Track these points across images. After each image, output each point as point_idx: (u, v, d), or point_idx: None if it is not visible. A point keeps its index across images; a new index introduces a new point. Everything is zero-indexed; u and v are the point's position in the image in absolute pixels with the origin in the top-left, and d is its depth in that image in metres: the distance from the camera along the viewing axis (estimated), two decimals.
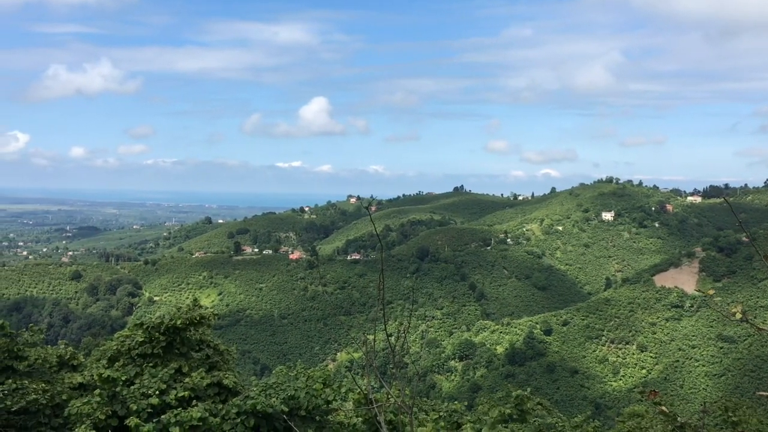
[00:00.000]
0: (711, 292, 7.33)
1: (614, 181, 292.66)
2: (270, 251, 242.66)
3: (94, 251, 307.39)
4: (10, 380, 13.90)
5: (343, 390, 14.72)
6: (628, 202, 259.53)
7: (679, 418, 6.96)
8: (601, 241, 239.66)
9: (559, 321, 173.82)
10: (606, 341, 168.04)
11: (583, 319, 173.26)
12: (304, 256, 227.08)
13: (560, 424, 15.94)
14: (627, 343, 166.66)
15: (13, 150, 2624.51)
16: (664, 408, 7.17)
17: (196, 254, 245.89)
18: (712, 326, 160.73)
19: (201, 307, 15.90)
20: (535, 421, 15.02)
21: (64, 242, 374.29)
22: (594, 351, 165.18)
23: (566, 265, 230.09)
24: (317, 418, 14.00)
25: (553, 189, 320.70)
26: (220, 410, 13.07)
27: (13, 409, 13.34)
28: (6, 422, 13.44)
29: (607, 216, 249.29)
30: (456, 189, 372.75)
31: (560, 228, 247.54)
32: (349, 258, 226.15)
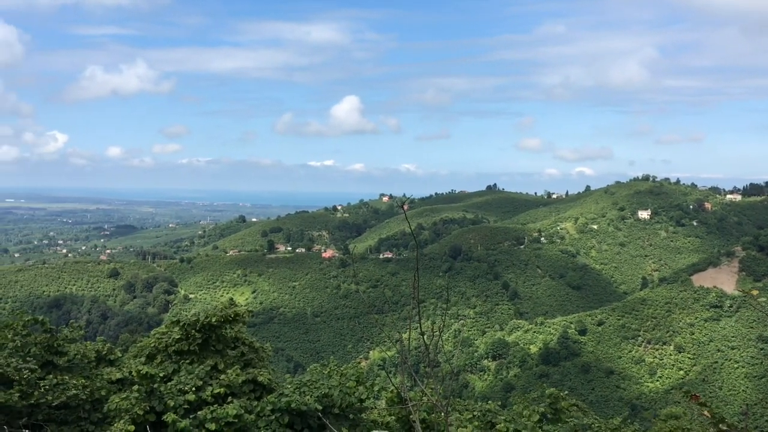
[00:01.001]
0: (755, 292, 7.15)
1: (651, 179, 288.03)
2: (303, 250, 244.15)
3: (131, 249, 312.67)
4: (50, 375, 14.17)
5: (376, 388, 14.71)
6: (665, 200, 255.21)
7: (726, 421, 6.78)
8: (638, 240, 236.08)
9: (594, 321, 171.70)
10: (642, 341, 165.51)
11: (618, 319, 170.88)
12: (337, 255, 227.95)
13: (596, 425, 15.72)
14: (664, 344, 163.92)
15: (52, 150, 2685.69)
16: (707, 413, 7.00)
17: (231, 252, 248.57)
18: (752, 327, 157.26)
19: (236, 305, 16.03)
20: (570, 421, 14.83)
21: (102, 240, 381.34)
22: (630, 351, 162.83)
23: (601, 264, 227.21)
24: (351, 416, 14.02)
25: (588, 187, 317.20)
26: (255, 407, 13.17)
27: (54, 404, 13.60)
28: (47, 416, 13.71)
29: (644, 214, 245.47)
30: (489, 187, 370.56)
31: (595, 227, 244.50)
32: (381, 257, 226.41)
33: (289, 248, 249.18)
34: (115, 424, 12.57)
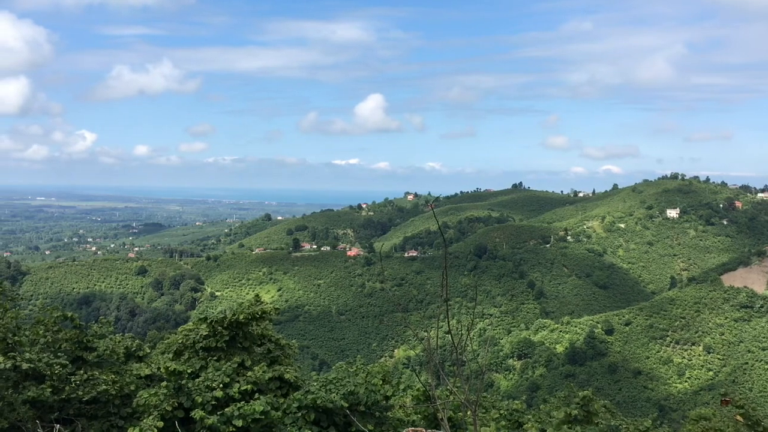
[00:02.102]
0: None
1: (679, 177, 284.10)
2: (328, 248, 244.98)
3: (159, 247, 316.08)
4: (81, 371, 14.37)
5: (402, 386, 14.70)
6: (695, 198, 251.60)
7: (762, 424, 6.64)
8: (666, 239, 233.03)
9: (621, 320, 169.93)
10: (670, 342, 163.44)
11: (646, 319, 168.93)
12: (362, 253, 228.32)
13: (625, 427, 15.52)
14: (693, 344, 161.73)
15: (81, 149, 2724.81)
16: (739, 417, 6.86)
17: (256, 250, 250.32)
18: None
19: (262, 302, 16.11)
20: (599, 423, 14.67)
21: (130, 238, 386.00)
22: (658, 352, 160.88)
23: (629, 263, 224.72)
24: (376, 413, 14.02)
25: (615, 186, 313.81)
26: (281, 404, 13.23)
27: (84, 399, 13.79)
28: (78, 411, 13.91)
29: (672, 213, 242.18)
30: (515, 186, 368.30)
31: (622, 225, 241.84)
32: (406, 255, 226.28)
33: (315, 246, 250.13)
34: (144, 420, 12.71)
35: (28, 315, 17.04)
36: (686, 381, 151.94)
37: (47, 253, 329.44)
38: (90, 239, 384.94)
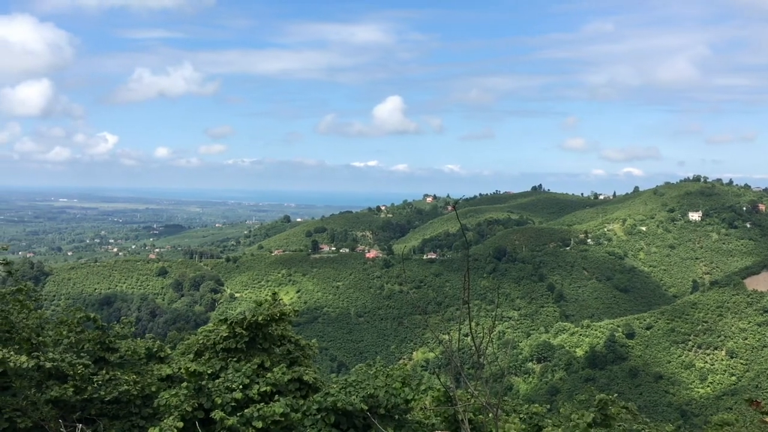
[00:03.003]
0: None
1: (702, 179, 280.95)
2: (347, 250, 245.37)
3: (179, 248, 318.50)
4: (103, 371, 14.50)
5: (422, 388, 14.65)
6: (717, 201, 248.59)
7: None
8: (688, 242, 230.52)
9: (642, 324, 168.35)
10: (692, 346, 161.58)
11: (667, 323, 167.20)
12: (381, 255, 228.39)
13: (647, 430, 15.36)
14: (715, 349, 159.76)
15: (103, 151, 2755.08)
16: (766, 419, 6.75)
17: (276, 252, 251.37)
18: None
19: (280, 301, 16.14)
20: (620, 425, 14.54)
21: (151, 239, 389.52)
22: (679, 356, 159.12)
23: (650, 266, 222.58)
24: (396, 416, 13.99)
25: (636, 188, 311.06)
26: (301, 406, 13.24)
27: (106, 399, 13.91)
28: (100, 411, 14.03)
29: (695, 216, 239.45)
30: (534, 188, 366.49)
31: (644, 228, 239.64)
32: (425, 257, 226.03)
33: (333, 248, 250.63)
34: (165, 420, 12.78)
35: (50, 315, 17.23)
36: (708, 386, 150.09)
37: (69, 254, 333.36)
38: (111, 240, 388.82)
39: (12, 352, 12.14)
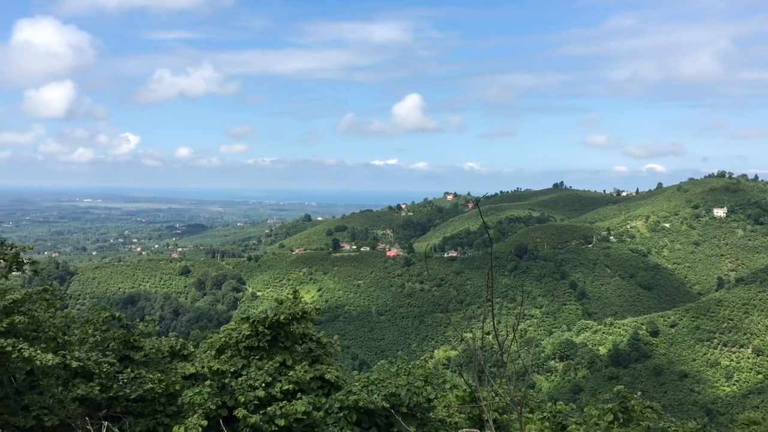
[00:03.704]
0: None
1: (726, 175, 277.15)
2: (367, 248, 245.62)
3: (201, 248, 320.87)
4: (128, 369, 14.64)
5: (447, 386, 14.62)
6: (743, 197, 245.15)
7: None
8: (713, 238, 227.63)
9: (666, 322, 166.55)
10: (718, 344, 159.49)
11: (692, 321, 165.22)
12: (401, 253, 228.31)
13: (673, 429, 15.18)
14: (741, 347, 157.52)
15: (125, 151, 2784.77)
16: None
17: (296, 251, 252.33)
18: None
19: (301, 299, 16.17)
20: (644, 423, 14.38)
21: (173, 239, 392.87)
22: (705, 354, 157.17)
23: (674, 263, 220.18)
24: (418, 415, 13.96)
25: (660, 184, 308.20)
26: (323, 404, 13.27)
27: (131, 397, 14.05)
28: (125, 409, 14.18)
29: (719, 212, 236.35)
30: (555, 185, 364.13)
31: (667, 225, 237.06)
32: (445, 255, 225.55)
33: (354, 247, 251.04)
34: (190, 418, 12.88)
35: (75, 314, 17.45)
36: (734, 384, 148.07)
37: (94, 253, 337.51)
38: (135, 240, 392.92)
39: (39, 351, 12.30)
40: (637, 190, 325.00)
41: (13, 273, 14.82)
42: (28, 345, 12.44)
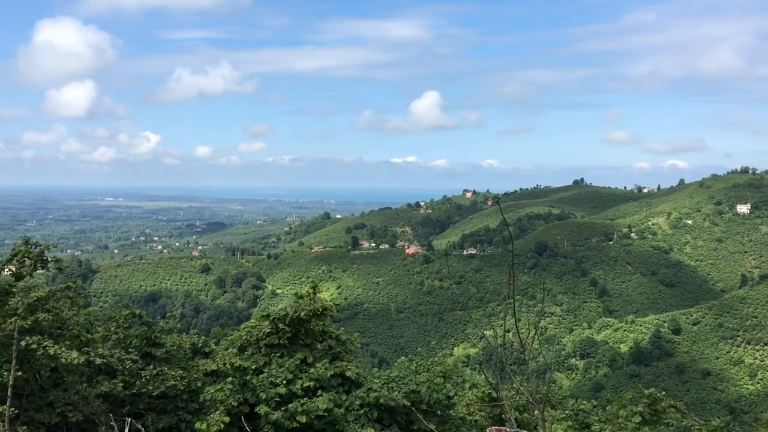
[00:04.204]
0: None
1: (750, 171, 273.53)
2: (386, 246, 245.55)
3: (222, 245, 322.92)
4: (150, 366, 14.77)
5: (467, 385, 14.59)
6: (766, 193, 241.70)
7: None
8: (736, 235, 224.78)
9: (689, 320, 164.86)
10: (741, 342, 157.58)
11: (715, 318, 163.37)
12: (420, 251, 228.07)
13: (697, 428, 15.03)
14: (765, 344, 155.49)
15: (146, 150, 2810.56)
16: None
17: (316, 249, 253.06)
18: None
19: (320, 293, 16.20)
20: (669, 422, 14.25)
21: (194, 237, 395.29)
22: (728, 352, 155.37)
23: (696, 260, 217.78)
24: (439, 412, 13.95)
25: (682, 181, 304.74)
26: (344, 401, 13.30)
27: (154, 394, 14.18)
28: (147, 405, 14.31)
29: (743, 209, 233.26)
30: (576, 182, 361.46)
31: (690, 222, 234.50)
32: (465, 253, 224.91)
33: (373, 244, 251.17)
34: (212, 415, 12.98)
35: (97, 312, 17.64)
36: (758, 382, 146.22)
37: (116, 251, 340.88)
38: (156, 238, 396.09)
39: (64, 349, 12.45)
40: (659, 186, 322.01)
41: (38, 271, 15.00)
42: (52, 342, 12.60)
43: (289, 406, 12.88)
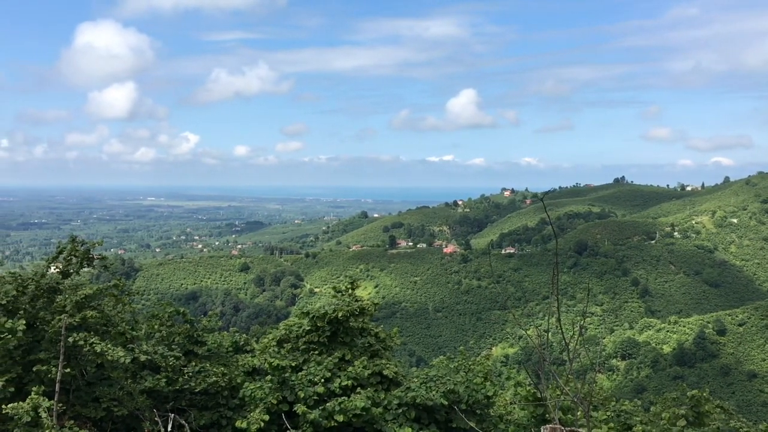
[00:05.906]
0: None
1: None
2: (424, 245, 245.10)
3: (260, 244, 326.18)
4: (192, 363, 14.98)
5: (510, 383, 14.47)
6: None
7: None
8: None
9: (734, 320, 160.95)
10: None
11: (762, 319, 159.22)
12: (458, 250, 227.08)
13: (744, 429, 14.63)
14: None
15: (185, 150, 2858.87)
16: None
17: (353, 248, 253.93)
18: None
19: (358, 289, 16.22)
20: (714, 424, 13.91)
21: (233, 236, 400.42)
22: None
23: (742, 260, 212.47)
24: (477, 411, 13.85)
25: (727, 178, 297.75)
26: (382, 400, 13.29)
27: (196, 390, 14.37)
28: (189, 402, 14.51)
29: None
30: (616, 180, 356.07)
31: (735, 220, 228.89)
32: (503, 252, 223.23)
33: (410, 243, 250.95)
34: (252, 413, 13.12)
35: (141, 309, 17.98)
36: None
37: (157, 250, 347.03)
38: (196, 237, 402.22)
39: (110, 346, 12.70)
40: (703, 184, 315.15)
41: (84, 269, 15.31)
42: (99, 339, 12.86)
43: (327, 404, 12.92)
